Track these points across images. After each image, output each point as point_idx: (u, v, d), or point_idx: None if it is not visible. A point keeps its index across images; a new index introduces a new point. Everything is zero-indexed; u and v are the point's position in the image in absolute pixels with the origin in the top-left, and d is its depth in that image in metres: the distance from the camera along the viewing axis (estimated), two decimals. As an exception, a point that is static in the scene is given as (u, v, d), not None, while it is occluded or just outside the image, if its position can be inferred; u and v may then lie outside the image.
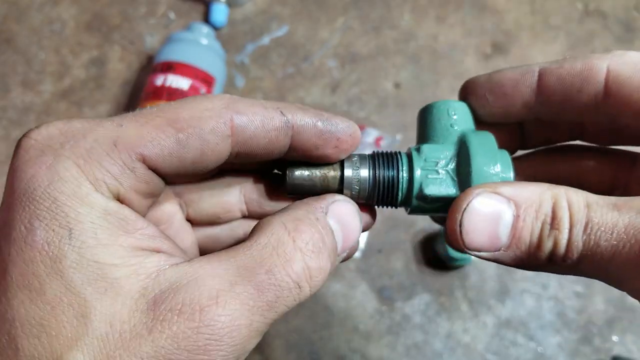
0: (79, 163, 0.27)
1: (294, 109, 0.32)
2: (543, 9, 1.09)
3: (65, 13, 1.08)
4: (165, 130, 0.28)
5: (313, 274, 0.29)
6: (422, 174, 0.35)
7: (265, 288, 0.27)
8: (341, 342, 0.88)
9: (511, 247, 0.30)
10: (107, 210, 0.27)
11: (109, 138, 0.28)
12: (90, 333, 0.25)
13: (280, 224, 0.30)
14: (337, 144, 0.33)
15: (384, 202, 0.36)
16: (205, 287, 0.26)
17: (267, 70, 1.04)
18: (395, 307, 0.89)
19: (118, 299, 0.25)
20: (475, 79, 0.38)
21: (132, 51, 1.05)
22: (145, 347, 0.25)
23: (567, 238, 0.28)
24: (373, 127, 0.99)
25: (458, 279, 0.91)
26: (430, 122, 0.37)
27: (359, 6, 1.08)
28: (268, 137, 0.31)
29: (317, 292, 0.91)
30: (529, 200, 0.29)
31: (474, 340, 0.88)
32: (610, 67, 0.33)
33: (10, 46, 1.05)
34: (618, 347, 0.87)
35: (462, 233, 0.30)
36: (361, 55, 1.05)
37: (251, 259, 0.28)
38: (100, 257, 0.26)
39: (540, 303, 0.89)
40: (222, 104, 0.30)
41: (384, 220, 0.93)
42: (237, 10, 1.08)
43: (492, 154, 0.34)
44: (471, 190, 0.30)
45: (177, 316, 0.25)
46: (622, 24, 1.08)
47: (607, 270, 0.28)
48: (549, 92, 0.35)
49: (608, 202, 0.28)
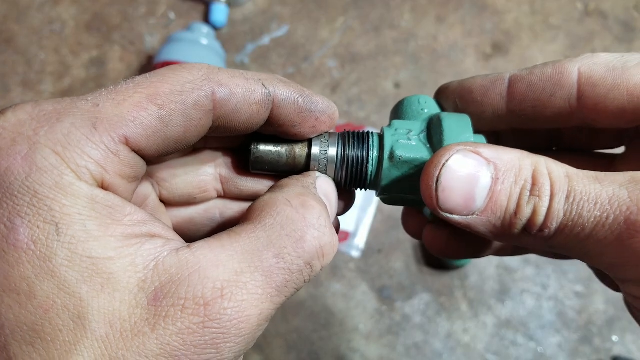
0: (57, 150, 0.24)
1: (275, 82, 0.31)
2: (543, 9, 1.09)
3: (65, 13, 1.08)
4: (146, 107, 0.27)
5: (326, 251, 0.28)
6: (393, 139, 0.34)
7: (274, 273, 0.26)
8: (341, 342, 0.88)
9: (486, 212, 0.28)
10: (94, 199, 0.25)
11: (86, 120, 0.25)
12: (89, 335, 0.23)
13: (285, 201, 0.28)
14: (315, 124, 0.32)
15: (352, 182, 0.35)
16: (208, 279, 0.25)
17: (267, 70, 1.04)
18: (395, 307, 0.89)
19: (116, 296, 0.24)
20: (448, 85, 0.37)
21: (132, 51, 1.05)
22: (150, 345, 0.23)
23: (548, 206, 0.27)
24: (373, 127, 0.99)
25: (458, 279, 0.91)
26: (402, 109, 0.37)
27: (359, 6, 1.08)
28: (249, 112, 0.30)
29: (317, 292, 0.91)
30: (509, 164, 0.28)
31: (474, 340, 0.88)
32: (582, 69, 0.32)
33: (10, 46, 1.05)
34: (618, 347, 0.87)
35: (437, 190, 0.29)
36: (361, 55, 1.05)
37: (257, 243, 0.26)
38: (93, 251, 0.24)
39: (540, 303, 0.89)
40: (202, 75, 0.28)
41: (384, 220, 0.93)
42: (237, 10, 1.08)
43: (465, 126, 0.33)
44: (451, 146, 0.29)
45: (181, 312, 0.24)
46: (622, 24, 1.08)
47: (584, 243, 0.27)
48: (520, 99, 0.34)
49: (589, 175, 0.27)
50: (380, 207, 0.93)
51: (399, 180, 0.34)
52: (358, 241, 0.92)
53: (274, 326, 0.89)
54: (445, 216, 0.29)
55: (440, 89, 0.38)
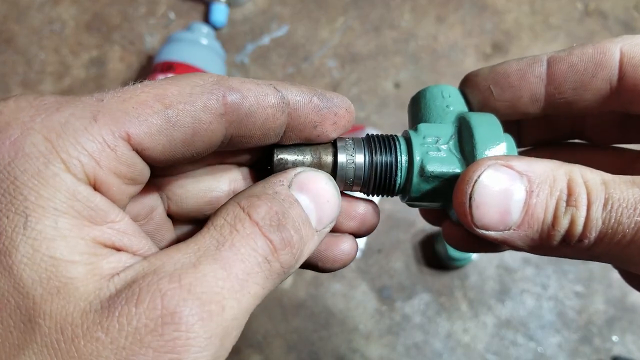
0: (50, 137, 0.23)
1: (287, 85, 0.30)
2: (543, 9, 1.09)
3: (65, 13, 1.08)
4: (152, 105, 0.25)
5: (278, 247, 0.26)
6: (422, 151, 0.32)
7: (232, 265, 0.24)
8: (341, 342, 0.88)
9: (523, 226, 0.28)
10: (76, 195, 0.23)
11: (87, 112, 0.24)
12: (38, 341, 0.22)
13: (234, 203, 0.27)
14: (335, 120, 0.31)
15: (380, 190, 0.33)
16: (165, 272, 0.23)
17: (267, 70, 1.04)
18: (395, 307, 0.89)
19: (70, 301, 0.22)
20: (477, 72, 0.36)
21: (132, 51, 1.05)
22: (103, 351, 0.22)
23: (585, 216, 0.26)
24: (373, 127, 0.99)
25: (458, 279, 0.91)
26: (425, 104, 0.36)
27: (359, 6, 1.08)
28: (264, 115, 0.29)
29: (317, 292, 0.91)
30: (542, 175, 0.27)
31: (474, 340, 0.88)
32: (624, 49, 0.32)
33: (10, 46, 1.05)
34: (618, 347, 0.87)
35: (471, 207, 0.28)
36: (361, 55, 1.05)
37: (211, 240, 0.25)
38: (57, 251, 0.22)
39: (540, 303, 0.89)
40: (212, 80, 0.28)
41: (384, 220, 0.93)
42: (237, 10, 1.08)
43: (496, 132, 0.32)
44: (483, 161, 0.28)
45: (136, 307, 0.22)
46: (622, 24, 1.08)
47: (626, 250, 0.26)
48: (560, 81, 0.33)
49: (625, 179, 0.27)
50: (380, 207, 0.93)
51: (429, 192, 0.33)
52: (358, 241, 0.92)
53: (274, 326, 0.89)
54: (481, 233, 0.28)
55: (468, 76, 0.37)
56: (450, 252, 0.86)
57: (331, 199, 0.30)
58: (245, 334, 0.89)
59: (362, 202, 0.35)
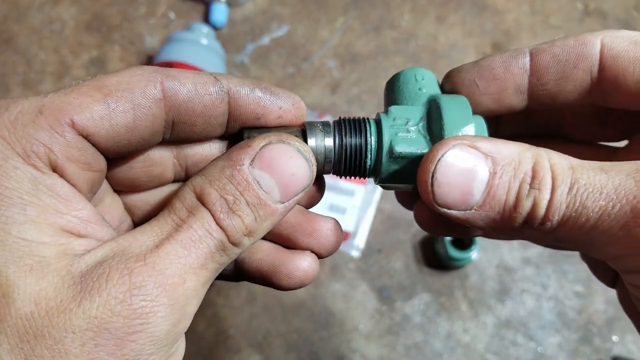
0: (3, 135, 0.25)
1: (229, 77, 0.31)
2: (543, 9, 1.09)
3: (65, 13, 1.08)
4: (92, 95, 0.27)
5: (230, 233, 0.28)
6: (391, 132, 0.33)
7: (191, 245, 0.27)
8: (341, 342, 0.88)
9: (484, 206, 0.28)
10: (38, 185, 0.26)
11: (33, 107, 0.27)
12: (13, 313, 0.24)
13: (191, 187, 0.29)
14: (280, 114, 0.32)
15: (351, 171, 0.34)
16: (131, 252, 0.26)
17: (267, 70, 1.04)
18: (395, 307, 0.90)
19: (45, 277, 0.25)
20: (460, 67, 0.36)
21: (132, 51, 1.05)
22: (76, 321, 0.24)
23: (549, 199, 0.26)
24: (373, 127, 0.99)
25: (458, 279, 0.91)
26: (398, 87, 0.36)
27: (359, 6, 1.08)
28: (203, 102, 0.30)
29: (317, 292, 0.91)
30: (508, 157, 0.28)
31: (474, 340, 0.88)
32: (604, 40, 0.32)
33: (10, 46, 1.05)
34: (618, 347, 0.87)
35: (433, 185, 0.28)
36: (361, 55, 1.05)
37: (172, 223, 0.28)
38: (27, 234, 0.25)
39: (540, 303, 0.89)
40: (151, 70, 0.29)
41: (384, 220, 0.93)
42: (237, 10, 1.08)
43: (466, 114, 0.32)
44: (447, 140, 0.28)
45: (106, 282, 0.25)
46: (622, 24, 1.08)
47: (589, 234, 0.26)
48: (543, 72, 0.34)
49: (594, 165, 0.27)
50: (380, 207, 0.93)
51: (398, 172, 0.33)
52: (358, 241, 0.92)
53: (274, 326, 0.89)
54: (442, 211, 0.29)
55: (451, 71, 0.37)
56: (450, 252, 0.86)
57: (297, 171, 0.30)
58: (245, 334, 0.89)
59: (321, 218, 0.35)
